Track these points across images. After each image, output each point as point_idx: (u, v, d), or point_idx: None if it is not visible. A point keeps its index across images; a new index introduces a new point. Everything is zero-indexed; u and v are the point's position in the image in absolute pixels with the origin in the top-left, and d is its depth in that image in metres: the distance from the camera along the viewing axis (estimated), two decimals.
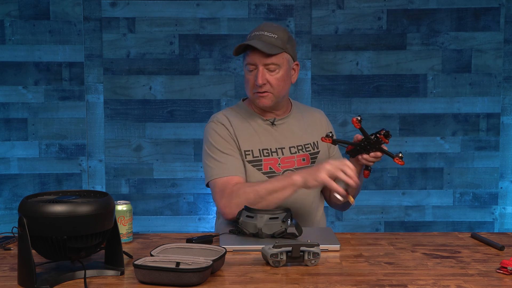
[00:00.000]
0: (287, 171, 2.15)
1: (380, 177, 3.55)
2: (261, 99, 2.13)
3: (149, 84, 3.50)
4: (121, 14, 3.46)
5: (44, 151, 3.51)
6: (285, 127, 2.22)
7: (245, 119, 2.21)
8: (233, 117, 2.21)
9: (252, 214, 1.91)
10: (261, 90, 2.11)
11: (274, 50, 2.07)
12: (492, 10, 3.47)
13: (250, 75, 2.13)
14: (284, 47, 2.10)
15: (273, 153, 2.18)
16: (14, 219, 3.14)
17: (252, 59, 2.09)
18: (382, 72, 3.51)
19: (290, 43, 2.14)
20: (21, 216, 1.50)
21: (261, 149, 2.17)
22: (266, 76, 2.09)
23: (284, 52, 2.11)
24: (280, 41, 2.10)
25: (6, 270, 1.65)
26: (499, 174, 3.55)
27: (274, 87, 2.11)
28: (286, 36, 2.13)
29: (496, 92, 3.51)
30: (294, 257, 1.66)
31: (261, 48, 2.05)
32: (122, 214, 1.89)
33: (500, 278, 1.58)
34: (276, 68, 2.10)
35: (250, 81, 2.13)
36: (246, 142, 2.17)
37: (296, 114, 2.26)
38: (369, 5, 3.47)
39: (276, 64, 2.10)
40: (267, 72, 2.10)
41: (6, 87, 3.47)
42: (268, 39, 2.09)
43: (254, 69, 2.11)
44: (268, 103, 2.14)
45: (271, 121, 2.21)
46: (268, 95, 2.12)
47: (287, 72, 2.14)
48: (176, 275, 1.49)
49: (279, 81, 2.11)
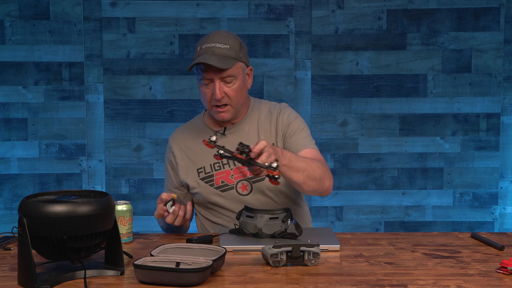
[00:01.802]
0: (241, 181, 2.12)
1: (380, 177, 3.55)
2: (221, 114, 2.08)
3: (149, 84, 3.50)
4: (121, 14, 3.46)
5: (44, 151, 3.51)
6: (237, 135, 2.15)
7: (197, 134, 2.17)
8: (187, 135, 2.20)
9: (252, 214, 1.91)
10: (219, 104, 2.05)
11: (229, 63, 2.01)
12: (492, 10, 3.47)
13: (206, 88, 2.05)
14: (237, 57, 2.04)
15: (225, 165, 2.13)
16: (14, 219, 3.14)
17: (207, 74, 2.02)
18: (382, 72, 3.51)
19: (242, 50, 2.07)
20: (21, 216, 1.50)
21: (212, 163, 2.14)
22: (224, 89, 2.04)
23: (239, 62, 2.05)
24: (233, 51, 2.04)
25: (6, 270, 1.65)
26: (499, 174, 3.55)
27: (232, 99, 2.06)
28: (238, 43, 2.06)
29: (496, 92, 3.51)
30: (294, 257, 1.66)
31: (216, 64, 1.98)
32: (122, 214, 1.89)
33: (500, 278, 1.58)
34: (232, 80, 2.04)
35: (207, 94, 2.06)
36: (198, 159, 2.16)
37: (253, 118, 2.18)
38: (369, 5, 3.47)
39: (232, 75, 2.03)
40: (224, 85, 2.04)
41: (6, 87, 3.47)
42: (221, 51, 2.02)
43: (209, 82, 2.05)
44: (228, 116, 2.09)
45: (221, 132, 2.15)
46: (227, 108, 2.07)
47: (243, 80, 2.09)
48: (176, 275, 1.49)
49: (237, 91, 2.06)
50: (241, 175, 2.12)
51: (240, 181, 2.12)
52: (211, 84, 2.04)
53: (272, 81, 3.50)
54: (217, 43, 2.03)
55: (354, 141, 3.54)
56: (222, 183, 2.13)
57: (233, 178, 2.13)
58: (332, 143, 3.53)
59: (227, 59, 2.02)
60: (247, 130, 2.16)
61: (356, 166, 3.54)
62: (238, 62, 2.05)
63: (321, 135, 3.51)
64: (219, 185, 2.13)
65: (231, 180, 2.13)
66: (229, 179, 2.13)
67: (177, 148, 2.20)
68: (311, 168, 1.96)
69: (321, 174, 1.99)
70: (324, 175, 2.00)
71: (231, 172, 2.13)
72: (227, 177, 2.13)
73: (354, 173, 3.54)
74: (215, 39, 2.04)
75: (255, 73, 3.48)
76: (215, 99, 2.04)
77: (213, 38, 2.05)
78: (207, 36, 2.07)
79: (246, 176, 2.12)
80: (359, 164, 3.54)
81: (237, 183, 2.12)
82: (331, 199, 3.55)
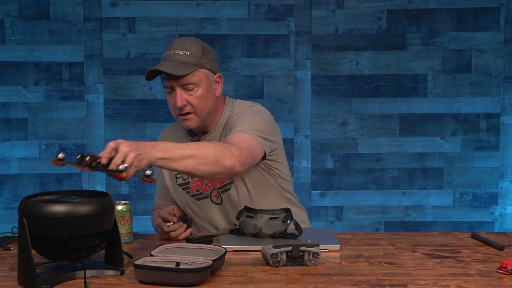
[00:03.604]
0: (214, 190, 2.08)
1: (380, 177, 3.55)
2: (185, 122, 2.02)
3: (149, 84, 3.50)
4: (121, 14, 3.46)
5: (44, 151, 3.51)
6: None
7: (177, 140, 2.11)
8: (170, 137, 2.15)
9: (252, 214, 1.91)
10: (183, 112, 1.99)
11: (186, 69, 1.95)
12: (492, 10, 3.47)
13: (170, 97, 2.01)
14: (198, 63, 1.98)
15: None
16: (14, 219, 3.14)
17: (168, 81, 1.97)
18: (382, 72, 3.51)
19: (205, 57, 2.01)
20: (21, 216, 1.50)
21: None
22: (185, 97, 1.98)
23: (200, 68, 1.98)
24: (194, 58, 1.98)
25: (6, 270, 1.65)
26: (499, 174, 3.55)
27: (195, 107, 1.99)
28: (200, 50, 2.00)
29: (496, 92, 3.51)
30: (294, 257, 1.66)
31: (170, 71, 1.93)
32: (122, 214, 1.89)
33: (500, 278, 1.58)
34: (194, 87, 1.98)
35: (171, 103, 2.01)
36: None
37: (222, 125, 2.09)
38: (369, 5, 3.47)
39: (193, 83, 1.97)
40: (185, 93, 1.97)
41: (6, 87, 3.47)
42: (180, 58, 1.97)
43: (172, 91, 1.99)
44: (193, 125, 2.03)
45: (196, 140, 2.12)
46: (191, 116, 2.00)
47: (208, 88, 2.01)
48: (176, 275, 1.49)
49: (200, 99, 1.99)
50: (213, 184, 2.08)
51: (213, 190, 2.09)
52: (174, 92, 1.99)
53: (272, 81, 3.51)
54: (177, 50, 1.98)
55: (354, 141, 3.54)
56: (197, 191, 2.11)
57: (207, 186, 2.09)
58: (332, 143, 3.53)
59: (185, 66, 1.96)
60: (220, 138, 2.09)
61: (356, 166, 3.54)
62: (200, 69, 1.98)
63: (321, 135, 3.51)
64: (194, 193, 2.11)
65: (206, 188, 2.10)
66: (204, 188, 2.10)
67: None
68: (199, 152, 1.72)
69: (214, 154, 1.73)
70: (221, 154, 1.74)
71: (205, 181, 2.08)
72: (202, 186, 2.10)
73: (354, 173, 3.54)
74: (176, 46, 2.00)
75: (256, 73, 3.49)
76: (178, 108, 1.99)
77: (174, 45, 2.00)
78: (171, 44, 2.04)
79: (216, 186, 2.08)
80: (359, 164, 3.54)
81: (211, 191, 2.09)
82: (331, 199, 3.55)
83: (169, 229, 1.93)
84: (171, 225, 1.92)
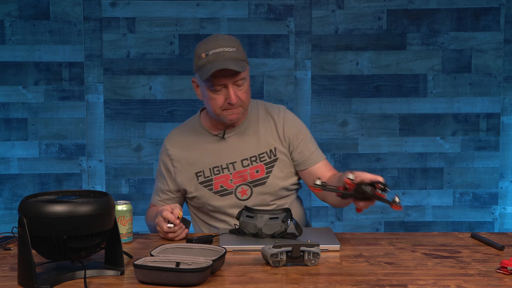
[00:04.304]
0: (241, 186, 2.11)
1: None
2: (233, 115, 2.05)
3: (149, 84, 3.50)
4: (121, 14, 3.46)
5: (44, 151, 3.51)
6: (236, 139, 2.13)
7: (196, 137, 2.15)
8: (184, 138, 2.17)
9: (252, 214, 1.91)
10: (233, 108, 2.03)
11: (243, 66, 1.99)
12: (492, 10, 3.47)
13: (218, 94, 2.01)
14: (245, 58, 2.03)
15: (224, 170, 2.11)
16: (14, 219, 3.14)
17: (222, 80, 1.98)
18: (382, 72, 3.51)
19: (244, 51, 2.05)
20: (21, 216, 1.50)
21: (211, 167, 2.12)
22: (237, 93, 2.02)
23: (247, 63, 2.04)
24: (241, 53, 2.02)
25: (6, 270, 1.65)
26: (499, 174, 3.55)
27: (243, 100, 2.03)
28: (240, 45, 2.04)
29: (496, 92, 3.51)
30: (294, 257, 1.66)
31: (236, 68, 1.95)
32: (122, 214, 1.89)
33: (500, 278, 1.58)
34: (243, 82, 2.02)
35: (218, 100, 2.02)
36: (197, 163, 2.13)
37: (252, 120, 2.15)
38: (369, 5, 3.47)
39: (243, 78, 2.01)
40: (236, 89, 2.01)
41: (6, 87, 3.47)
42: (232, 55, 1.98)
43: (221, 88, 2.01)
44: (240, 117, 2.07)
45: (221, 136, 2.13)
46: (238, 110, 2.04)
47: (249, 81, 2.07)
48: (176, 275, 1.49)
49: (247, 93, 2.04)
50: (241, 180, 2.11)
51: (239, 185, 2.11)
52: (223, 90, 2.00)
53: (272, 81, 3.51)
54: (225, 48, 1.99)
55: (354, 141, 3.54)
56: (221, 187, 2.11)
57: (232, 182, 2.11)
58: (332, 143, 3.53)
59: (239, 62, 1.98)
60: (247, 133, 2.13)
61: (356, 166, 3.54)
62: (247, 64, 2.04)
63: (321, 135, 3.51)
64: (218, 189, 2.11)
65: (231, 184, 2.11)
66: (228, 184, 2.11)
67: (174, 151, 2.17)
68: None
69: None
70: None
71: (230, 177, 2.11)
72: (226, 182, 2.11)
73: None
74: (221, 44, 2.00)
75: (255, 73, 3.49)
76: (229, 104, 2.01)
77: (219, 43, 2.00)
78: (210, 42, 2.02)
79: (247, 181, 2.11)
80: (359, 164, 3.54)
81: (236, 187, 2.11)
82: None
83: (169, 230, 1.93)
84: (171, 226, 1.92)
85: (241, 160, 2.11)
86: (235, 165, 2.11)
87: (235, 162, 2.11)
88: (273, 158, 2.13)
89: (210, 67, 1.96)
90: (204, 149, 2.13)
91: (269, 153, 2.13)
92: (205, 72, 1.97)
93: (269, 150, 2.13)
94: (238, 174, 2.11)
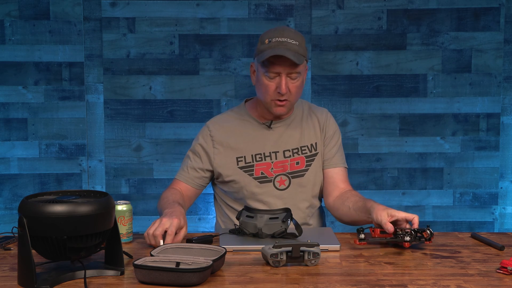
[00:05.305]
0: (280, 176, 2.15)
1: (380, 177, 3.55)
2: (279, 108, 2.11)
3: (149, 84, 3.50)
4: (121, 14, 3.46)
5: (44, 151, 3.51)
6: (282, 130, 2.20)
7: (241, 124, 2.21)
8: (229, 123, 2.22)
9: (252, 214, 1.91)
10: (281, 99, 2.08)
11: (301, 59, 2.04)
12: (492, 10, 3.47)
13: (270, 81, 2.07)
14: (305, 54, 2.08)
15: (266, 158, 2.17)
16: (14, 219, 3.14)
17: (277, 68, 2.04)
18: (382, 72, 3.51)
19: (306, 48, 2.12)
20: (21, 216, 1.50)
21: (254, 154, 2.17)
22: (288, 85, 2.07)
23: (305, 60, 2.09)
24: (302, 49, 2.07)
25: (6, 270, 1.65)
26: (499, 174, 3.55)
27: (293, 95, 2.10)
28: (304, 41, 2.11)
29: (496, 92, 3.51)
30: (294, 257, 1.66)
31: (292, 58, 2.01)
32: (122, 214, 1.89)
33: (500, 278, 1.58)
34: (297, 76, 2.08)
35: (269, 87, 2.08)
36: (239, 148, 2.17)
37: (297, 116, 2.24)
38: (369, 5, 3.47)
39: (298, 72, 2.07)
40: (289, 81, 2.07)
41: (6, 87, 3.47)
42: (293, 47, 2.04)
43: (275, 76, 2.07)
44: (285, 111, 2.14)
45: (268, 124, 2.19)
46: (286, 103, 2.11)
47: (304, 78, 2.14)
48: (176, 275, 1.49)
49: (299, 88, 2.11)
50: (281, 169, 2.16)
51: (279, 175, 2.16)
52: (277, 78, 2.07)
53: None
54: (289, 39, 2.05)
55: (354, 141, 3.54)
56: (261, 174, 2.16)
57: (272, 171, 2.16)
58: None
59: (298, 56, 2.04)
60: (292, 127, 2.21)
61: (356, 166, 3.54)
62: (305, 60, 2.08)
63: None
64: (258, 176, 2.16)
65: (271, 173, 2.16)
66: (269, 172, 2.16)
67: (217, 134, 2.20)
68: None
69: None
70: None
71: (271, 165, 2.16)
72: (267, 170, 2.16)
73: (354, 173, 3.54)
74: (286, 35, 2.06)
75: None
76: (278, 93, 2.07)
77: (284, 33, 2.06)
78: (276, 31, 2.08)
79: (286, 171, 2.16)
80: (359, 164, 3.54)
81: (275, 176, 2.16)
82: None
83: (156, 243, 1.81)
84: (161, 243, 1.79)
85: (284, 151, 2.18)
86: (277, 155, 2.17)
87: (278, 152, 2.18)
88: (314, 152, 2.21)
89: (269, 52, 2.02)
90: (248, 136, 2.19)
91: (310, 147, 2.21)
92: (264, 55, 2.04)
93: (310, 144, 2.21)
94: (279, 164, 2.17)
